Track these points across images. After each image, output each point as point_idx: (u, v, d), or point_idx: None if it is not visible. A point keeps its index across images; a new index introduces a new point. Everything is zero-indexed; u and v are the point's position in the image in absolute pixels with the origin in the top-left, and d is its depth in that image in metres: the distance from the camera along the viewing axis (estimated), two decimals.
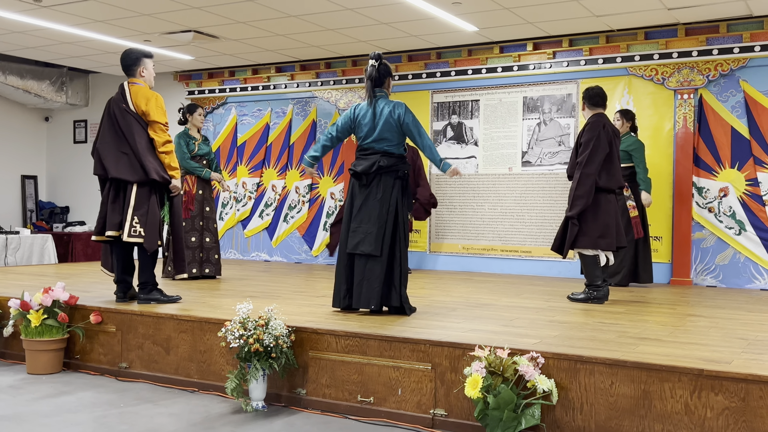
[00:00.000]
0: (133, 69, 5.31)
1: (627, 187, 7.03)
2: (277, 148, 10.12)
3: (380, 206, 4.93)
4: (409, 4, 7.05)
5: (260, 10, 7.37)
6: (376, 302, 4.87)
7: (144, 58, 5.33)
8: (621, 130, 7.15)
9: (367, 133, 5.04)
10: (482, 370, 3.44)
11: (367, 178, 4.98)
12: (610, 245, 5.79)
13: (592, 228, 5.77)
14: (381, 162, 4.94)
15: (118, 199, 5.19)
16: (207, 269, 7.26)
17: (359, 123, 5.07)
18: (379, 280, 4.88)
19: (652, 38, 7.81)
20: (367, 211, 4.95)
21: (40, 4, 7.24)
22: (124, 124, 5.18)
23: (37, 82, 10.85)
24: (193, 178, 7.22)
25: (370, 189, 4.97)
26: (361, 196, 4.99)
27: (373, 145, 5.01)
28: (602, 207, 5.79)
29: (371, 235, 4.89)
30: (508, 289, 6.83)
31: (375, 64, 5.04)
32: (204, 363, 4.57)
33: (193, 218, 7.20)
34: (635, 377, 3.41)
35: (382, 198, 4.94)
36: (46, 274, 7.47)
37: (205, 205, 7.30)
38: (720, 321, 4.95)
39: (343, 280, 5.03)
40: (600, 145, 5.77)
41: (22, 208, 11.64)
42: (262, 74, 10.17)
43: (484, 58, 8.71)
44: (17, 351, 5.21)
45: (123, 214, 5.16)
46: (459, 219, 8.92)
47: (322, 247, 9.77)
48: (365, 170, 4.96)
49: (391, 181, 4.97)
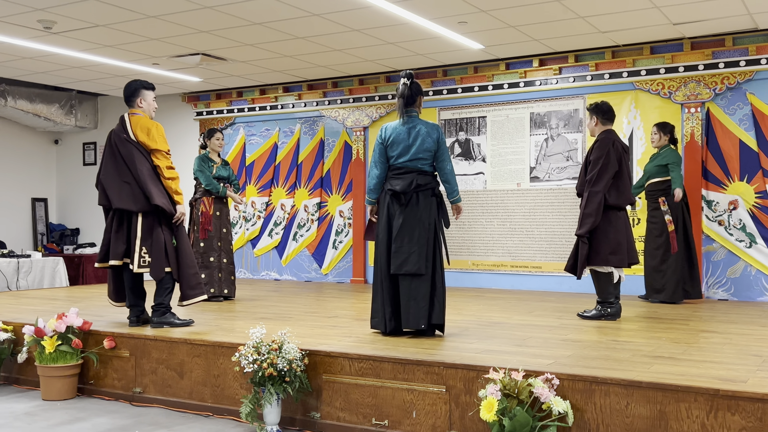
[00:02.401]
0: (132, 100, 5.40)
1: (665, 201, 6.98)
2: (285, 167, 10.16)
3: (420, 225, 4.92)
4: (415, 24, 7.09)
5: (267, 32, 7.43)
6: (426, 321, 4.83)
7: (143, 90, 5.43)
8: (659, 144, 7.13)
9: (401, 151, 5.01)
10: (497, 392, 3.44)
11: (406, 197, 4.96)
12: (621, 262, 5.78)
13: (603, 245, 5.75)
14: (418, 180, 4.95)
15: (122, 228, 5.27)
16: (226, 290, 7.32)
17: (392, 142, 5.03)
18: (426, 299, 4.85)
19: (658, 53, 7.83)
20: (408, 230, 4.91)
21: (51, 30, 7.31)
22: (126, 153, 5.25)
23: (47, 106, 10.94)
24: (209, 200, 7.28)
25: (409, 208, 4.95)
26: (401, 216, 4.94)
27: (407, 164, 5.00)
28: (613, 224, 5.78)
29: (415, 254, 4.85)
30: (520, 306, 6.82)
31: (407, 82, 5.04)
32: (218, 387, 4.58)
33: (212, 238, 7.25)
34: (651, 398, 3.40)
35: (422, 216, 4.93)
36: (58, 298, 7.50)
37: (222, 227, 7.35)
38: (733, 337, 4.93)
39: (388, 302, 4.93)
40: (609, 163, 5.76)
41: (32, 230, 11.71)
42: (269, 94, 10.24)
43: (491, 75, 8.75)
44: (32, 377, 5.24)
45: (127, 243, 5.25)
46: (468, 235, 8.92)
47: (331, 265, 9.79)
48: (404, 189, 4.94)
49: (429, 198, 4.98)
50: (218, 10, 6.70)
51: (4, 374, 5.44)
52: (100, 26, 7.23)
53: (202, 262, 7.22)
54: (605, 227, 5.76)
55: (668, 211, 6.96)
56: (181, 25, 7.17)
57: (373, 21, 7.02)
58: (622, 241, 5.78)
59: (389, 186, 5.00)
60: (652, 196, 7.12)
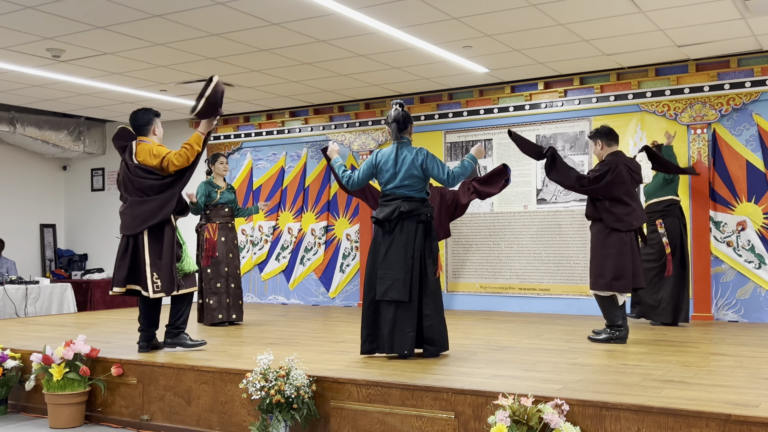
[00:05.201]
0: (146, 128, 5.46)
1: (662, 224, 6.95)
2: (292, 192, 10.19)
3: (405, 252, 4.95)
4: (421, 49, 7.14)
5: (274, 58, 7.49)
6: (410, 348, 4.90)
7: (156, 118, 5.53)
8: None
9: (388, 178, 5.07)
10: (507, 419, 3.41)
11: (390, 225, 5.00)
12: (625, 287, 5.72)
13: (607, 270, 5.71)
14: (402, 207, 4.97)
15: (126, 255, 5.31)
16: (234, 314, 7.33)
17: (381, 169, 5.11)
18: (411, 325, 4.91)
19: (663, 74, 7.85)
20: (393, 257, 4.96)
21: (59, 59, 7.39)
22: (135, 179, 5.31)
23: (55, 133, 11.02)
24: (214, 226, 7.29)
25: (393, 235, 4.99)
26: (385, 243, 5.01)
27: (394, 191, 5.05)
28: (617, 248, 5.71)
29: (398, 282, 4.90)
30: (528, 329, 6.78)
31: (399, 108, 5.13)
32: (225, 414, 4.56)
33: (217, 264, 7.26)
34: (662, 423, 3.37)
35: (406, 244, 4.96)
36: (66, 324, 7.51)
37: (228, 252, 7.36)
38: (744, 360, 4.89)
39: (366, 324, 5.04)
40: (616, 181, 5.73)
41: (41, 256, 11.75)
42: (276, 119, 10.30)
43: (496, 98, 8.78)
44: (39, 405, 5.22)
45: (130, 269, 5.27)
46: (475, 257, 8.90)
47: (339, 288, 9.77)
48: (386, 217, 4.99)
49: (414, 225, 4.99)
50: (225, 38, 6.77)
51: (12, 402, 5.43)
52: (108, 54, 7.30)
53: (210, 288, 7.23)
54: (608, 251, 5.72)
55: (665, 234, 6.93)
56: (188, 52, 7.24)
57: (378, 46, 7.07)
58: (627, 266, 5.71)
59: (374, 214, 5.09)
60: (650, 218, 6.96)
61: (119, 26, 6.43)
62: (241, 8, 5.99)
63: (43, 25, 6.38)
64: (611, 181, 5.75)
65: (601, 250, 5.77)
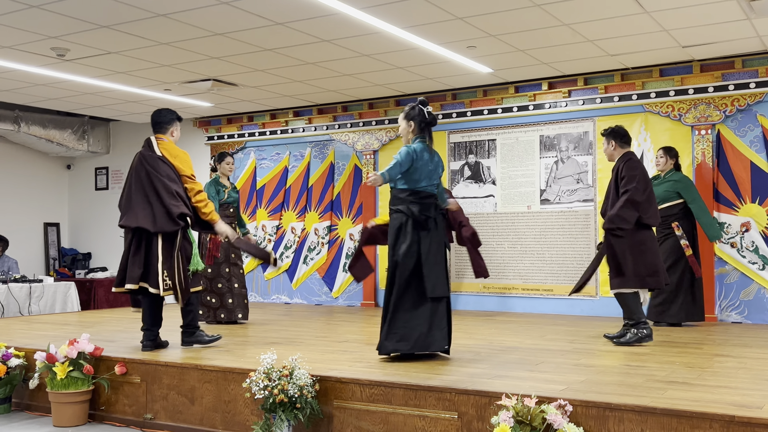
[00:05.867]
0: (166, 128, 5.54)
1: (678, 226, 6.93)
2: (295, 191, 10.19)
3: (443, 248, 5.04)
4: (425, 49, 7.14)
5: (278, 58, 7.50)
6: (448, 344, 4.98)
7: (177, 122, 5.60)
8: (664, 168, 7.12)
9: (423, 176, 4.99)
10: (510, 419, 3.41)
11: (429, 222, 5.00)
12: (658, 283, 5.70)
13: (640, 267, 5.65)
14: (435, 204, 5.07)
15: (140, 251, 5.29)
16: (240, 314, 7.34)
17: (416, 167, 4.96)
18: (446, 320, 4.99)
19: (668, 75, 7.84)
20: (435, 254, 4.96)
21: (64, 58, 7.40)
22: (152, 171, 5.31)
23: (59, 132, 11.04)
24: None
25: (431, 232, 4.99)
26: (427, 240, 4.95)
27: (427, 189, 5.04)
28: (647, 245, 5.70)
29: (442, 278, 4.96)
30: (531, 329, 6.78)
31: (430, 110, 5.12)
32: (229, 413, 4.56)
33: (219, 265, 7.27)
34: (665, 424, 3.36)
35: (441, 239, 5.04)
36: (69, 323, 7.52)
37: (231, 252, 7.37)
38: (748, 361, 4.88)
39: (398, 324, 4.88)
40: (647, 180, 5.76)
41: (44, 255, 11.77)
42: (280, 119, 10.30)
43: (500, 98, 8.78)
44: (43, 403, 5.23)
45: (144, 266, 5.27)
46: None
47: (342, 288, 9.78)
48: (429, 214, 5.00)
49: (443, 222, 5.13)
50: (229, 37, 6.77)
51: (16, 400, 5.44)
52: (112, 53, 7.31)
53: (210, 288, 7.24)
54: (640, 248, 5.67)
55: (683, 236, 6.90)
56: (192, 51, 7.25)
57: (382, 46, 7.07)
58: (658, 262, 5.72)
59: (417, 212, 4.93)
60: (664, 221, 6.94)
61: (124, 25, 6.44)
62: (246, 8, 5.99)
63: (48, 24, 6.39)
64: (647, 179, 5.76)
65: (638, 247, 5.67)
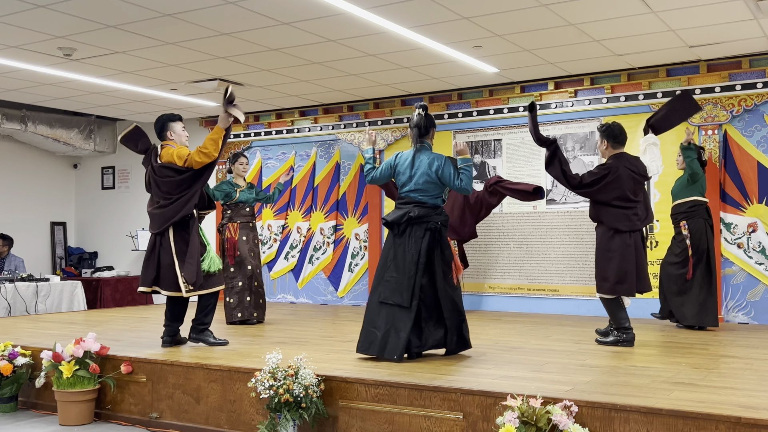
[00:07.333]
0: (162, 134, 5.65)
1: (685, 225, 6.78)
2: (301, 191, 10.20)
3: (409, 257, 4.94)
4: (430, 49, 7.13)
5: (284, 58, 7.50)
6: (399, 354, 4.83)
7: (170, 122, 5.67)
8: (682, 166, 6.93)
9: (404, 182, 5.09)
10: (515, 420, 3.41)
11: (399, 228, 5.01)
12: (629, 291, 5.65)
13: (610, 273, 5.64)
14: (412, 213, 4.97)
15: (153, 254, 5.46)
16: (256, 313, 7.35)
17: (398, 171, 5.14)
18: (406, 331, 4.87)
19: (674, 75, 7.82)
20: (398, 261, 4.97)
21: (70, 57, 7.42)
22: (158, 179, 5.44)
23: (66, 131, 11.08)
24: (235, 225, 7.33)
25: (403, 240, 5.00)
26: (394, 247, 5.02)
27: (409, 195, 5.06)
28: (619, 251, 5.62)
29: (402, 286, 4.90)
30: (537, 330, 6.77)
31: (422, 113, 5.11)
32: (234, 413, 4.57)
33: (238, 264, 7.27)
34: (671, 425, 3.36)
35: (412, 249, 4.95)
36: (75, 322, 7.54)
37: (250, 251, 7.38)
38: (754, 362, 4.86)
39: (365, 324, 5.04)
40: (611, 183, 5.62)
41: (51, 254, 11.81)
42: (285, 118, 10.31)
43: (506, 98, 8.77)
44: (49, 402, 5.25)
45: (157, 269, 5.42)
46: (484, 258, 8.89)
47: (347, 287, 9.78)
48: (396, 220, 5.00)
49: (422, 232, 4.97)
50: (235, 37, 6.78)
51: (22, 399, 5.46)
52: (119, 53, 7.33)
53: (231, 287, 7.24)
54: (610, 255, 5.65)
55: (688, 236, 6.82)
56: (198, 51, 7.26)
57: (388, 46, 7.06)
58: (630, 269, 5.62)
59: (386, 216, 5.11)
60: (675, 220, 6.91)
61: (130, 25, 6.46)
62: (252, 8, 6.00)
63: (55, 23, 6.41)
64: (607, 183, 5.63)
65: (605, 253, 5.69)
